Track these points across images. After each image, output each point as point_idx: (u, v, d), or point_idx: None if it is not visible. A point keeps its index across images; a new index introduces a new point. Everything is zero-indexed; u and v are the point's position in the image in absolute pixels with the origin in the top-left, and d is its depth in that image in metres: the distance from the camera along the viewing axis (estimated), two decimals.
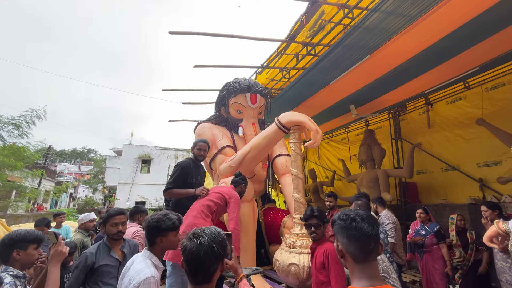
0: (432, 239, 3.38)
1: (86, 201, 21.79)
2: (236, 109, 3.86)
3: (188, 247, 1.02)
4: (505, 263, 2.54)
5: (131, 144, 20.57)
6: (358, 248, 0.88)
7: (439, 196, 5.38)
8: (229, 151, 3.56)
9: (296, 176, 2.81)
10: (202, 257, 1.00)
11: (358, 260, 0.88)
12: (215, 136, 3.65)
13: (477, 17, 2.91)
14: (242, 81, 3.81)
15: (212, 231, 1.07)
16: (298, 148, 2.88)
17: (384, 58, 3.63)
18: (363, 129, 6.80)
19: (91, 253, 1.83)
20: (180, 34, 3.26)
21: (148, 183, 18.88)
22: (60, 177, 29.85)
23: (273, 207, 4.11)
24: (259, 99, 3.87)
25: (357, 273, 0.88)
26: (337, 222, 0.95)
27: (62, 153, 51.17)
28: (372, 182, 5.49)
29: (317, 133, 2.71)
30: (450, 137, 5.22)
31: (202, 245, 1.00)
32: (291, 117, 2.89)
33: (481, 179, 4.65)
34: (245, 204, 3.06)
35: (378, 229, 0.91)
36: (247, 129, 3.79)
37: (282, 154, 3.93)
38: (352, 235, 0.89)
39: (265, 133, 3.11)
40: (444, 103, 5.40)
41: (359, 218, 0.90)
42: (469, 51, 3.54)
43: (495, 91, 4.55)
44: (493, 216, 2.75)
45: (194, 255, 1.00)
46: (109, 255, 1.86)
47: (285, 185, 3.58)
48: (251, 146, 3.16)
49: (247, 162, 3.15)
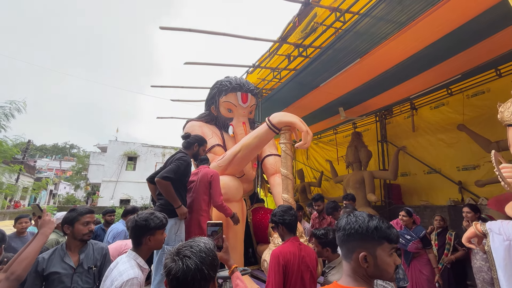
0: (418, 245, 3.12)
1: (67, 198, 20.98)
2: (226, 108, 3.83)
3: (172, 272, 0.83)
4: (484, 262, 2.67)
5: (116, 140, 20.01)
6: None
7: (421, 198, 5.57)
8: (219, 150, 3.53)
9: (286, 176, 2.82)
10: (190, 283, 0.83)
11: None
12: (205, 134, 3.60)
13: (462, 27, 3.04)
14: (233, 79, 3.79)
15: (201, 249, 0.89)
16: (289, 148, 2.90)
17: (373, 63, 3.72)
18: (351, 131, 6.94)
19: (43, 258, 1.64)
20: (171, 30, 3.20)
21: (134, 180, 18.43)
22: (39, 173, 28.63)
23: (261, 207, 4.11)
24: (250, 98, 3.86)
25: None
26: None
27: (42, 148, 49.06)
28: (358, 183, 5.62)
29: (307, 134, 2.73)
30: (433, 141, 5.42)
31: (189, 269, 0.83)
32: (282, 118, 2.89)
33: (460, 182, 4.86)
34: (234, 203, 3.04)
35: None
36: (237, 128, 3.78)
37: (272, 154, 3.94)
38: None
39: (256, 133, 3.10)
40: (428, 108, 5.60)
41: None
42: (453, 59, 3.70)
43: (475, 98, 4.77)
44: (474, 218, 2.88)
45: (180, 281, 0.82)
46: (62, 261, 1.66)
47: (274, 185, 3.60)
48: (241, 146, 3.14)
49: (237, 162, 3.13)
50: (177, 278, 0.83)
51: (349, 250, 0.92)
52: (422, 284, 3.13)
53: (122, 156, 18.84)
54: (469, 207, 3.01)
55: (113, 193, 17.94)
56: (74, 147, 51.93)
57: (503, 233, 1.71)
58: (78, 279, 1.66)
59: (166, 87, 5.23)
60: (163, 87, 5.24)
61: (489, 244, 1.75)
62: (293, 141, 3.30)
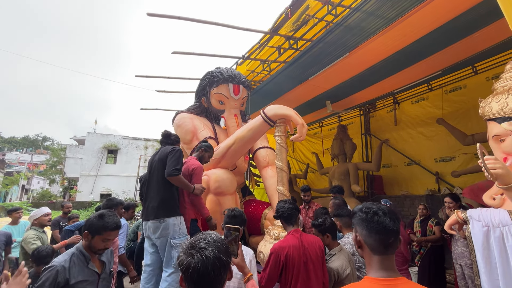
0: None
1: (42, 193, 19.88)
2: (218, 100, 3.75)
3: (192, 265, 0.84)
4: (465, 248, 2.88)
5: (95, 132, 19.13)
6: (378, 241, 0.90)
7: (401, 188, 5.88)
8: (211, 143, 3.46)
9: (280, 169, 2.83)
10: (211, 272, 0.85)
11: (376, 252, 0.91)
12: (196, 127, 3.53)
13: (444, 25, 3.17)
14: (225, 70, 3.69)
15: (214, 239, 0.93)
16: (283, 141, 2.90)
17: (361, 57, 3.80)
18: (336, 124, 7.11)
19: (63, 266, 1.45)
20: (159, 16, 3.05)
21: (115, 174, 17.82)
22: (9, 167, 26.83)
23: (253, 199, 4.14)
24: (241, 90, 3.79)
25: (374, 264, 0.91)
26: (358, 214, 0.97)
27: (12, 141, 45.86)
28: (343, 175, 5.81)
29: (303, 126, 2.74)
30: (413, 134, 5.69)
31: (209, 259, 0.86)
32: (277, 110, 2.87)
33: (437, 172, 5.17)
34: (228, 197, 3.03)
35: (399, 224, 0.94)
36: (229, 121, 3.72)
37: (264, 147, 3.93)
38: (372, 228, 0.91)
39: (250, 125, 3.07)
40: (409, 102, 5.85)
41: (382, 213, 0.93)
42: (435, 55, 3.87)
43: (453, 93, 5.04)
44: (456, 206, 3.09)
45: (201, 272, 0.84)
46: (87, 268, 1.55)
47: (267, 178, 3.60)
48: (235, 139, 3.10)
49: (231, 155, 3.10)
50: (197, 270, 0.84)
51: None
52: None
53: (101, 149, 18.08)
54: (451, 197, 3.22)
55: (93, 188, 17.27)
56: (47, 140, 49.00)
57: (482, 219, 1.85)
58: (101, 285, 1.61)
59: (151, 77, 5.04)
60: (148, 77, 5.05)
61: (469, 230, 1.90)
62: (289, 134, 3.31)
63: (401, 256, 3.61)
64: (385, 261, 0.90)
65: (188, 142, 3.51)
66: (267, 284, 1.79)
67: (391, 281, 0.86)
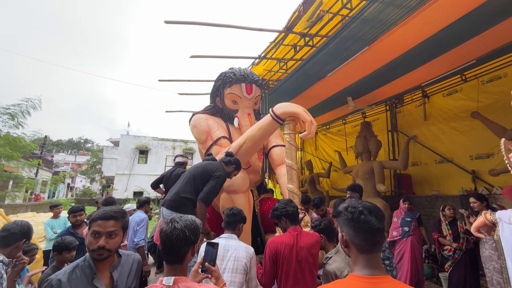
0: (416, 224, 3.96)
1: (84, 191, 21.82)
2: (231, 100, 3.81)
3: (163, 230, 1.14)
4: (493, 251, 2.64)
5: (128, 134, 20.47)
6: (365, 240, 0.89)
7: (432, 188, 5.48)
8: (225, 142, 3.54)
9: (290, 167, 2.83)
10: (174, 240, 1.11)
11: (363, 251, 0.90)
12: (210, 127, 3.62)
13: (476, 9, 2.89)
14: (238, 71, 3.73)
15: (188, 219, 1.18)
16: (293, 139, 2.90)
17: (382, 50, 3.61)
18: (360, 121, 6.83)
19: (59, 280, 1.15)
20: (176, 23, 3.20)
21: (146, 173, 18.91)
22: (57, 167, 29.77)
23: (269, 197, 4.16)
24: (254, 89, 3.81)
25: (360, 263, 0.90)
26: (344, 213, 0.96)
27: (59, 143, 50.80)
28: (368, 174, 5.57)
29: (311, 124, 2.71)
30: (445, 130, 5.27)
31: (176, 229, 1.12)
32: (286, 108, 2.87)
33: (473, 171, 4.74)
34: (240, 195, 3.09)
35: (384, 222, 0.92)
36: (242, 120, 3.77)
37: (278, 145, 3.93)
38: (359, 228, 0.90)
39: (260, 124, 3.09)
40: (440, 95, 5.42)
41: (367, 211, 0.91)
42: (467, 43, 3.54)
43: (491, 84, 4.57)
44: (481, 207, 2.84)
45: (168, 237, 1.11)
46: (90, 284, 1.19)
47: (281, 176, 3.61)
48: (246, 137, 3.15)
49: (242, 153, 3.16)
50: (166, 235, 1.12)
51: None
52: (419, 252, 3.92)
53: (134, 149, 19.30)
54: (475, 196, 2.98)
55: (127, 186, 18.50)
56: (88, 142, 53.52)
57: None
58: None
59: (173, 80, 5.27)
60: (170, 81, 5.29)
61: (498, 233, 1.74)
62: (298, 132, 3.28)
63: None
64: (371, 259, 0.89)
65: (203, 142, 3.64)
66: (267, 280, 1.83)
67: (375, 279, 0.85)
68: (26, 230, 1.76)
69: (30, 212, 8.45)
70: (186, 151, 20.30)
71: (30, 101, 7.04)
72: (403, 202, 4.09)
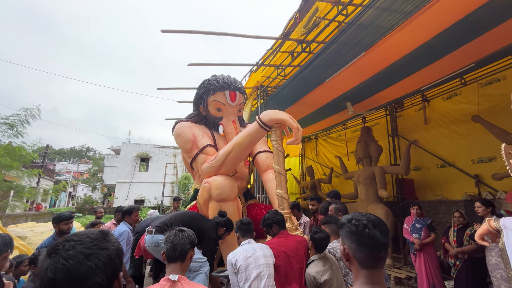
0: (427, 231, 3.81)
1: (85, 200, 21.75)
2: (215, 107, 3.78)
3: (172, 233, 1.51)
4: (500, 259, 2.56)
5: (129, 142, 20.51)
6: (368, 255, 0.86)
7: (435, 193, 5.40)
8: (211, 150, 3.51)
9: (279, 173, 2.88)
10: (182, 237, 1.48)
11: (365, 266, 0.86)
12: (196, 135, 3.58)
13: (473, 12, 2.89)
14: (221, 78, 3.71)
15: (190, 230, 1.55)
16: (280, 145, 2.95)
17: (380, 55, 3.61)
18: (360, 126, 6.80)
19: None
20: (172, 32, 3.22)
21: (147, 181, 18.86)
22: (58, 176, 29.80)
23: (256, 203, 4.14)
24: (238, 96, 3.79)
25: (361, 278, 0.86)
26: (347, 225, 0.91)
27: (61, 152, 50.99)
28: (369, 179, 5.51)
29: (298, 130, 2.79)
30: (446, 133, 5.23)
31: (184, 231, 1.52)
32: (272, 115, 2.93)
33: (477, 175, 4.66)
34: (229, 203, 3.07)
35: (388, 236, 0.89)
36: (227, 127, 3.75)
37: (264, 151, 3.92)
38: (363, 242, 0.86)
39: (247, 131, 3.11)
40: (440, 99, 5.40)
41: (371, 225, 0.87)
42: (466, 47, 3.53)
43: (490, 86, 4.54)
44: (486, 212, 2.77)
45: (176, 236, 1.48)
46: None
47: (267, 181, 3.61)
48: (233, 145, 3.15)
49: (230, 161, 3.15)
50: (175, 235, 1.51)
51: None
52: (435, 267, 3.70)
53: (135, 157, 19.30)
54: (480, 201, 2.92)
55: (128, 194, 18.44)
56: (90, 150, 53.66)
57: None
58: None
59: (171, 89, 5.29)
60: (169, 89, 5.31)
61: (503, 241, 1.68)
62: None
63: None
64: (373, 275, 0.85)
65: (189, 151, 3.58)
66: None
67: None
68: (9, 241, 1.76)
69: (30, 222, 8.40)
70: None
71: (29, 110, 7.10)
72: (412, 207, 3.98)
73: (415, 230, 3.83)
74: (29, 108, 7.25)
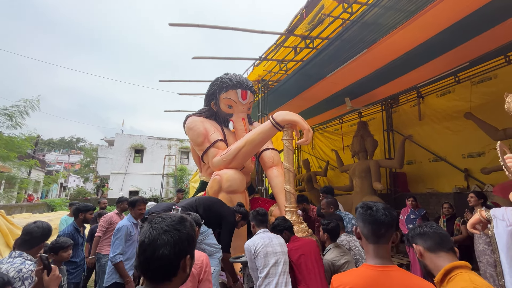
0: (421, 221, 4.00)
1: (78, 191, 21.54)
2: (226, 104, 3.92)
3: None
4: (487, 246, 2.79)
5: (123, 133, 20.26)
6: (371, 231, 1.07)
7: (426, 186, 5.66)
8: (221, 145, 3.67)
9: (288, 169, 3.06)
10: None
11: (370, 241, 1.08)
12: (207, 129, 3.73)
13: (471, 14, 3.02)
14: (233, 77, 3.86)
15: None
16: (291, 144, 3.13)
17: (381, 52, 3.72)
18: (356, 120, 6.97)
19: None
20: (180, 26, 3.24)
21: (142, 172, 18.78)
22: (49, 166, 29.25)
23: (259, 197, 4.37)
24: (249, 95, 3.97)
25: (370, 252, 1.08)
26: (359, 210, 1.16)
27: (50, 142, 49.77)
28: (364, 172, 5.71)
29: (309, 132, 3.01)
30: (439, 129, 5.45)
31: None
32: (285, 116, 3.12)
33: (466, 169, 4.92)
34: (239, 195, 3.27)
35: (392, 218, 1.08)
36: (237, 124, 3.91)
37: (269, 148, 4.07)
38: (366, 220, 1.09)
39: (260, 129, 3.28)
40: (434, 96, 5.59)
41: (375, 208, 1.10)
42: (462, 46, 3.67)
43: (482, 84, 4.75)
44: (477, 203, 2.99)
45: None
46: None
47: (272, 177, 3.76)
48: (246, 141, 3.31)
49: (241, 156, 3.31)
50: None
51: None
52: None
53: (129, 148, 19.12)
54: (474, 193, 3.14)
55: (122, 185, 18.35)
56: (80, 141, 52.58)
57: (507, 219, 1.81)
58: None
59: (174, 81, 5.30)
60: (171, 81, 5.31)
61: (493, 229, 1.85)
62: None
63: None
64: (379, 249, 1.06)
65: (200, 144, 3.73)
66: None
67: (384, 268, 1.02)
68: (47, 232, 1.82)
69: (26, 213, 8.35)
70: (182, 150, 20.23)
71: (29, 101, 6.96)
72: (408, 199, 4.21)
73: (410, 221, 4.05)
74: (28, 99, 7.12)
